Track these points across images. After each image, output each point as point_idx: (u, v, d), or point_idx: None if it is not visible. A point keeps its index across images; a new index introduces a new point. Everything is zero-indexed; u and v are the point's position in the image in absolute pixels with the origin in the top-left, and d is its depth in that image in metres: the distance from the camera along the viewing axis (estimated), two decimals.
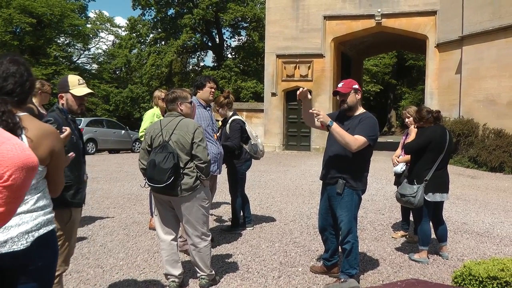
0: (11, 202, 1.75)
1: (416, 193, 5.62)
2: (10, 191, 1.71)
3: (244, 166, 7.05)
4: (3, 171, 1.69)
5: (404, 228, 6.98)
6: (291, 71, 23.87)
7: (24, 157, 1.75)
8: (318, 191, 10.20)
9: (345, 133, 4.60)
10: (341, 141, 4.58)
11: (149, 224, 7.13)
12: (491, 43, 17.33)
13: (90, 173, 13.47)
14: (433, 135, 5.77)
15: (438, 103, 20.52)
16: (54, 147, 2.40)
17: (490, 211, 9.01)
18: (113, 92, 43.91)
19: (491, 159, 16.15)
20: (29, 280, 2.35)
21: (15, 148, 1.74)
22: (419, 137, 5.85)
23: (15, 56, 2.47)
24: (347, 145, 4.56)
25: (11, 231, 2.27)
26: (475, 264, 4.05)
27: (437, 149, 5.75)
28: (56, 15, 38.11)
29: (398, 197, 5.86)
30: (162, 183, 4.36)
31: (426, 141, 5.72)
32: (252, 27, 41.49)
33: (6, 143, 1.74)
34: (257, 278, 5.11)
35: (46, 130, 2.40)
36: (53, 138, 2.42)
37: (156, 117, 6.97)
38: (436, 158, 5.75)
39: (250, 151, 6.92)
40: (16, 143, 1.77)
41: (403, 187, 5.81)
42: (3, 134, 1.81)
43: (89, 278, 5.04)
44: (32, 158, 1.78)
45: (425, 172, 5.72)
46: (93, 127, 23.56)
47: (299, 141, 24.29)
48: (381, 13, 21.92)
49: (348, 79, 5.10)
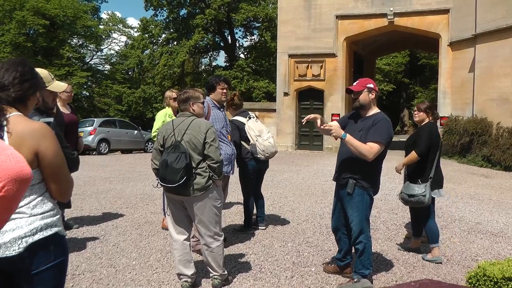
0: (3, 213, 1.72)
1: (425, 192, 5.59)
2: (1, 202, 1.67)
3: (248, 165, 6.99)
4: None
5: None
6: (304, 70, 23.83)
7: (18, 168, 1.70)
8: (331, 191, 10.16)
9: (359, 144, 4.55)
10: (356, 152, 4.55)
11: (162, 224, 7.15)
12: (505, 41, 17.17)
13: (103, 173, 13.61)
14: (433, 131, 5.80)
15: (451, 102, 20.42)
16: (39, 147, 2.28)
17: (505, 210, 8.92)
18: (125, 92, 44.11)
19: (505, 158, 15.99)
20: (32, 286, 2.33)
21: (10, 160, 1.70)
22: (425, 136, 5.77)
23: (25, 60, 2.46)
24: (363, 155, 4.53)
25: (5, 236, 2.24)
26: (489, 264, 4.00)
27: (436, 146, 5.79)
28: (69, 17, 38.34)
29: (406, 198, 5.73)
30: (175, 183, 4.37)
31: (432, 138, 5.72)
32: (264, 27, 41.52)
33: (0, 153, 1.70)
34: (270, 278, 5.10)
35: (31, 130, 2.30)
36: (40, 137, 2.31)
37: (168, 117, 7.02)
38: (436, 154, 5.77)
39: (251, 151, 6.90)
40: (11, 153, 1.72)
41: (409, 188, 5.71)
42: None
43: (102, 277, 5.06)
44: (26, 170, 1.73)
45: (429, 169, 5.70)
46: (106, 127, 23.71)
47: (311, 141, 24.24)
48: (393, 12, 21.81)
49: (364, 78, 5.08)
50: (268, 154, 6.85)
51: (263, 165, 7.15)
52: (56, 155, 2.35)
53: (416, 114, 6.07)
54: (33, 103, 2.53)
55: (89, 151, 22.20)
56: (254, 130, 6.86)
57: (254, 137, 6.84)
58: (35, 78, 2.47)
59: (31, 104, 2.51)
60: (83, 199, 9.45)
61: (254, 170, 7.03)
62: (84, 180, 12.05)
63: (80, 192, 10.15)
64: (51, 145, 2.34)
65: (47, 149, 2.31)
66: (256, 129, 6.88)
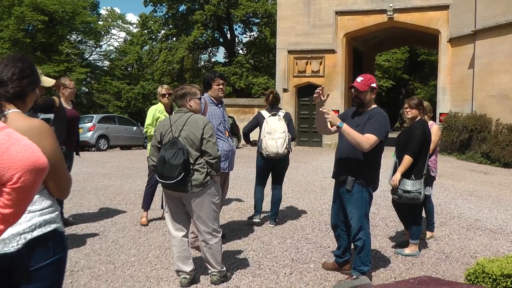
0: (20, 204, 1.74)
1: (421, 189, 5.58)
2: (19, 193, 1.69)
3: (257, 160, 7.27)
4: (12, 173, 1.68)
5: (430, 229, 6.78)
6: (303, 66, 23.83)
7: (34, 158, 1.73)
8: (330, 187, 10.16)
9: (356, 133, 4.52)
10: (353, 142, 4.52)
11: (141, 221, 7.23)
12: (504, 37, 17.16)
13: (102, 169, 13.61)
14: (426, 130, 5.76)
15: (451, 98, 20.41)
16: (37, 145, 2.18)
17: (504, 207, 8.92)
18: (124, 88, 44.06)
19: (504, 154, 15.99)
20: (31, 282, 2.32)
21: (25, 150, 1.72)
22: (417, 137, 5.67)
23: (25, 56, 2.44)
24: (359, 145, 4.50)
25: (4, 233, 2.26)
26: (488, 261, 3.99)
27: (428, 142, 5.78)
28: (68, 12, 38.31)
29: (401, 194, 5.64)
30: (172, 179, 4.36)
31: (424, 137, 5.68)
32: (264, 23, 41.45)
33: (16, 144, 1.72)
34: (268, 274, 5.10)
35: (30, 127, 2.26)
36: (38, 135, 2.25)
37: (158, 113, 7.12)
38: (427, 151, 5.75)
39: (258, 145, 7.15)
40: (25, 144, 1.75)
41: (404, 184, 5.63)
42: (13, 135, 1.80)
43: (101, 274, 5.05)
44: (42, 160, 1.76)
45: (422, 166, 5.67)
46: (105, 123, 23.68)
47: (310, 137, 24.23)
48: (393, 8, 21.80)
49: (368, 75, 4.97)
50: (268, 153, 6.90)
51: (273, 163, 7.16)
52: (54, 152, 2.32)
53: (409, 111, 5.94)
54: (32, 99, 2.50)
55: (88, 147, 22.19)
56: (268, 126, 7.01)
57: (264, 133, 6.99)
58: (35, 74, 2.44)
59: (30, 101, 2.48)
60: (82, 195, 9.44)
61: (262, 166, 7.24)
62: (83, 176, 12.05)
63: (79, 189, 10.14)
64: (50, 143, 2.31)
65: (46, 147, 2.26)
66: (270, 126, 7.00)
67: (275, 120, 7.07)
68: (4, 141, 1.72)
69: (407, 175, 5.67)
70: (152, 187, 7.30)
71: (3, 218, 1.74)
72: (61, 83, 6.80)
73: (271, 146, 6.86)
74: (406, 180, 5.64)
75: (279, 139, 6.90)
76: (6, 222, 1.78)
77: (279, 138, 6.91)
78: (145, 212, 7.31)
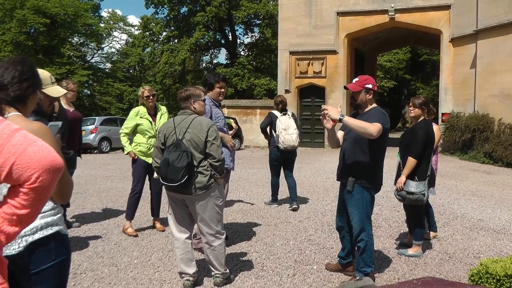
0: (37, 204, 1.75)
1: (425, 190, 5.56)
2: (36, 193, 1.70)
3: (272, 153, 8.65)
4: (30, 173, 1.69)
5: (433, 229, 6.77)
6: (305, 67, 23.81)
7: (51, 158, 1.74)
8: (333, 188, 10.17)
9: (359, 121, 4.49)
10: (359, 129, 4.43)
11: (128, 232, 6.77)
12: (506, 36, 17.12)
13: (105, 171, 13.59)
14: (429, 131, 5.74)
15: (453, 98, 20.37)
16: None
17: (507, 207, 8.90)
18: (126, 90, 44.12)
19: (507, 154, 15.95)
20: (33, 284, 2.32)
21: (42, 150, 1.73)
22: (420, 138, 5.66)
23: (25, 58, 2.44)
24: (366, 130, 4.39)
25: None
26: (492, 262, 3.98)
27: (432, 143, 5.77)
28: (70, 15, 38.33)
29: (404, 195, 5.65)
30: (176, 181, 4.36)
31: (428, 138, 5.66)
32: (265, 24, 41.41)
33: (33, 145, 1.73)
34: (271, 276, 5.09)
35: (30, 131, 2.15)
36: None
37: (140, 118, 6.83)
38: (431, 152, 5.74)
39: (275, 140, 8.41)
40: (42, 144, 1.76)
41: (408, 185, 5.61)
42: (29, 136, 1.80)
43: (104, 276, 5.06)
44: (58, 160, 1.77)
45: (426, 167, 5.66)
46: (107, 125, 23.67)
47: (313, 138, 24.20)
48: (394, 8, 21.76)
49: (364, 76, 4.98)
50: (286, 146, 8.31)
51: (287, 155, 8.57)
52: None
53: (412, 110, 5.93)
54: (34, 102, 2.49)
55: (91, 150, 22.20)
56: (283, 124, 8.40)
57: (280, 129, 8.36)
58: (35, 77, 2.44)
59: (31, 104, 2.47)
60: (84, 198, 9.45)
61: (277, 158, 8.60)
62: (85, 178, 12.05)
63: (82, 191, 10.15)
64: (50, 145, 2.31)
65: None
66: (284, 124, 8.40)
67: (287, 118, 8.49)
68: (21, 142, 1.73)
69: (411, 176, 5.64)
70: (137, 195, 6.86)
71: (18, 219, 1.75)
72: (63, 85, 6.79)
73: (288, 140, 8.29)
74: (410, 182, 5.62)
75: (293, 134, 8.37)
76: (21, 224, 1.79)
77: (293, 133, 8.38)
78: (129, 221, 6.85)
